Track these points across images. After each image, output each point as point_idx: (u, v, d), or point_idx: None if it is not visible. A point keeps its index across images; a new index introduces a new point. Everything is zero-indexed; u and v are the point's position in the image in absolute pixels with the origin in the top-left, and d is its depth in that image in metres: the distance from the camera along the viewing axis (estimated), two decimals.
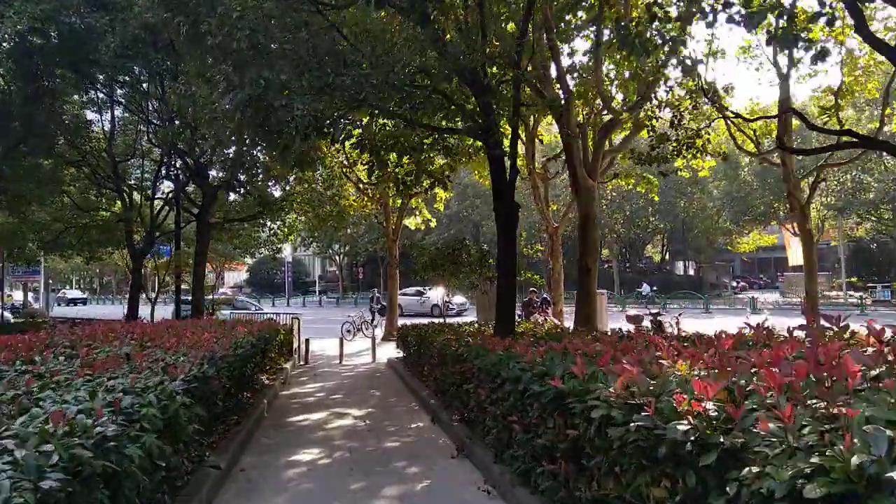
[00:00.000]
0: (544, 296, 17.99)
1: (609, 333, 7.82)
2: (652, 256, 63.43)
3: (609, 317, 18.00)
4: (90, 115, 19.93)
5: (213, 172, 16.47)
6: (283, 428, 7.64)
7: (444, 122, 10.18)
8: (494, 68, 8.56)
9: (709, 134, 11.56)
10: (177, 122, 13.73)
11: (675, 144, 10.88)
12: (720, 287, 50.72)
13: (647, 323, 16.69)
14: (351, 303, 47.61)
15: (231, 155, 13.60)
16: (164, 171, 17.35)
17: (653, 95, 11.29)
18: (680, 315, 16.06)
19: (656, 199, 19.45)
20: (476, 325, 12.19)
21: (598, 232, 11.91)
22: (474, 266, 11.39)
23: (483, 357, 5.34)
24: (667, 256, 60.32)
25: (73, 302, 54.84)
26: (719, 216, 45.40)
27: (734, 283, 54.29)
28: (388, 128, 10.92)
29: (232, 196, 19.80)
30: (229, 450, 6.07)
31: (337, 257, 61.82)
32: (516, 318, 15.96)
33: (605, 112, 12.21)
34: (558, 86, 11.83)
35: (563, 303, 17.88)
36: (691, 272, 57.77)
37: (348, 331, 21.18)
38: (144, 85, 16.11)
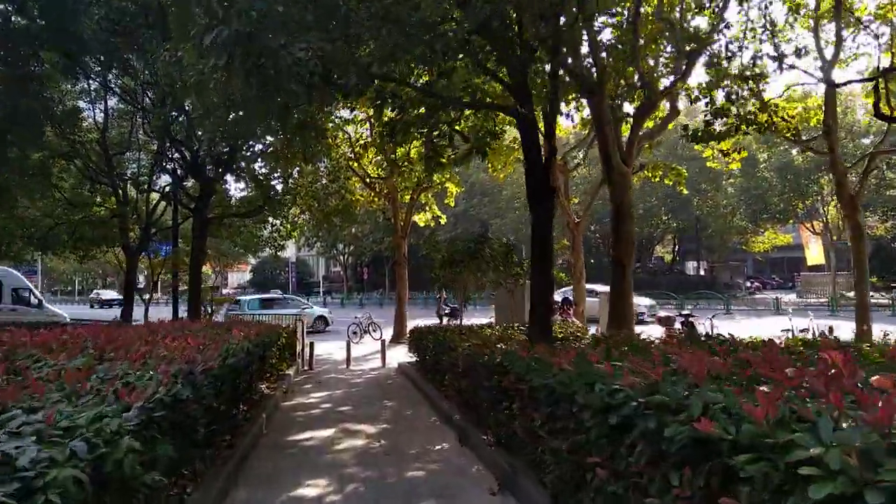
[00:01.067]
0: (566, 295, 16.80)
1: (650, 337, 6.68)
2: (662, 256, 62.15)
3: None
4: (83, 105, 18.96)
5: (209, 166, 15.36)
6: (283, 449, 6.52)
7: (476, 81, 8.91)
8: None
9: (775, 109, 10.27)
10: (168, 103, 12.59)
11: (732, 120, 9.70)
12: (734, 287, 49.35)
13: (678, 325, 15.45)
14: (356, 303, 46.50)
15: (223, 135, 12.40)
16: (159, 164, 16.24)
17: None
18: (714, 317, 14.91)
19: (685, 191, 18.23)
20: (498, 328, 11.03)
21: (633, 224, 10.74)
22: (498, 263, 10.23)
23: (538, 372, 4.19)
24: (677, 256, 59.02)
25: (109, 304, 48.21)
26: (734, 214, 44.11)
27: (748, 284, 52.91)
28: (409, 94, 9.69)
29: (230, 186, 18.75)
30: (219, 479, 4.96)
31: (341, 257, 60.79)
32: (553, 318, 14.85)
33: (642, 90, 11.04)
34: (590, 61, 10.68)
35: (585, 302, 16.73)
36: (702, 272, 56.52)
37: (354, 332, 20.08)
38: (135, 65, 15.00)
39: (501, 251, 10.46)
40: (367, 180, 20.47)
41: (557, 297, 17.76)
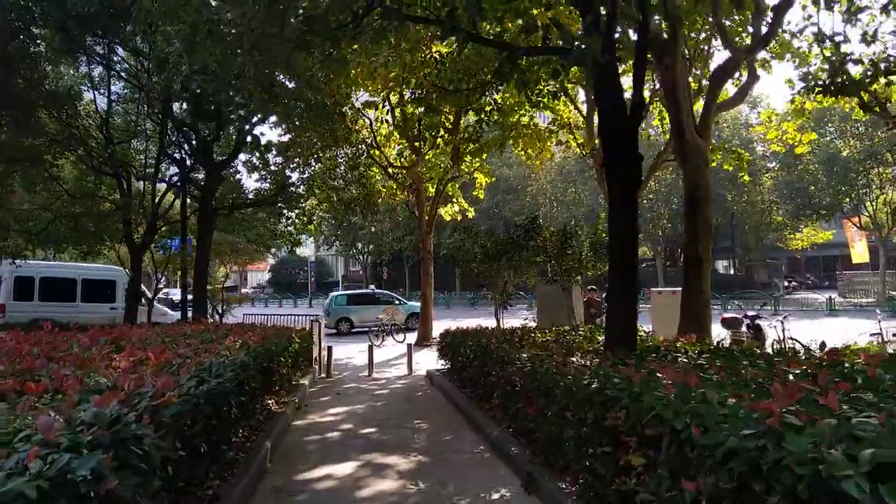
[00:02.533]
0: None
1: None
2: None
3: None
4: (86, 92, 17.70)
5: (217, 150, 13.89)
6: (292, 495, 4.93)
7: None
8: None
9: None
10: (169, 65, 11.09)
11: (867, 66, 7.86)
12: (772, 287, 46.94)
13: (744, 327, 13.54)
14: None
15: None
16: (164, 150, 14.77)
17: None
18: (785, 318, 13.00)
19: (746, 178, 16.38)
20: (549, 332, 9.33)
21: (711, 210, 9.01)
22: (551, 254, 8.56)
23: (699, 417, 2.51)
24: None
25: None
26: (773, 210, 41.76)
27: (785, 283, 50.34)
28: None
29: (242, 175, 17.31)
30: None
31: (361, 256, 59.46)
32: (598, 320, 13.11)
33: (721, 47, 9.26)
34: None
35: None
36: (731, 271, 54.07)
37: (376, 335, 18.55)
38: (139, 44, 13.62)
39: (556, 241, 8.78)
40: (390, 170, 18.93)
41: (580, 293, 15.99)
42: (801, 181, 37.07)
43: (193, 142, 13.87)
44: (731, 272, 54.04)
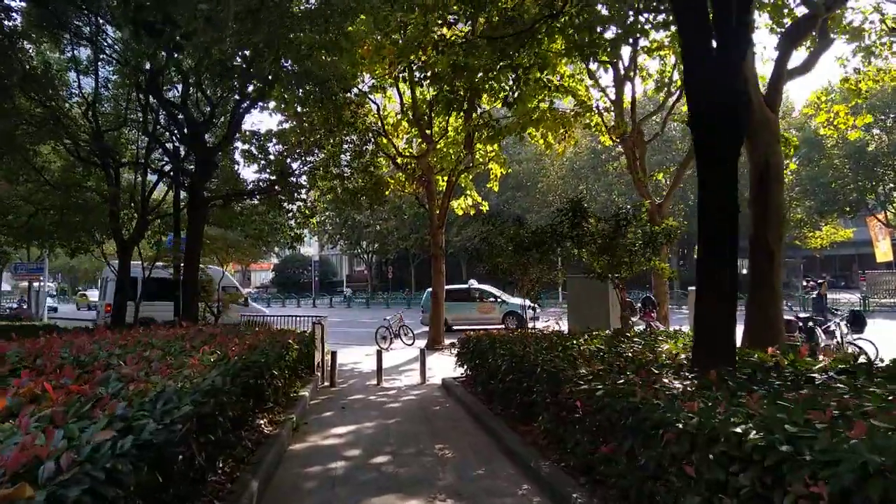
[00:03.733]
0: (647, 294, 13.65)
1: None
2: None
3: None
4: (73, 77, 16.42)
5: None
6: None
7: None
8: None
9: None
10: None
11: None
12: (790, 287, 45.38)
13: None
14: (382, 303, 43.81)
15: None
16: (151, 134, 13.41)
17: None
18: (846, 321, 11.60)
19: (793, 166, 15.01)
20: (595, 339, 7.97)
21: (783, 194, 7.64)
22: (598, 246, 7.20)
23: None
24: None
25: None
26: (793, 205, 40.21)
27: (804, 282, 48.71)
28: None
29: (239, 163, 16.00)
30: None
31: (365, 255, 58.18)
32: (633, 321, 11.75)
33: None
34: None
35: (668, 304, 13.60)
36: (743, 270, 52.45)
37: (384, 337, 17.23)
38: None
39: (608, 229, 7.41)
40: (399, 160, 17.61)
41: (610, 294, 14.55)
42: (823, 176, 35.54)
43: (185, 130, 12.54)
44: (743, 272, 52.47)
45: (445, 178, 17.67)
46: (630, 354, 5.63)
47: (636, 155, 13.01)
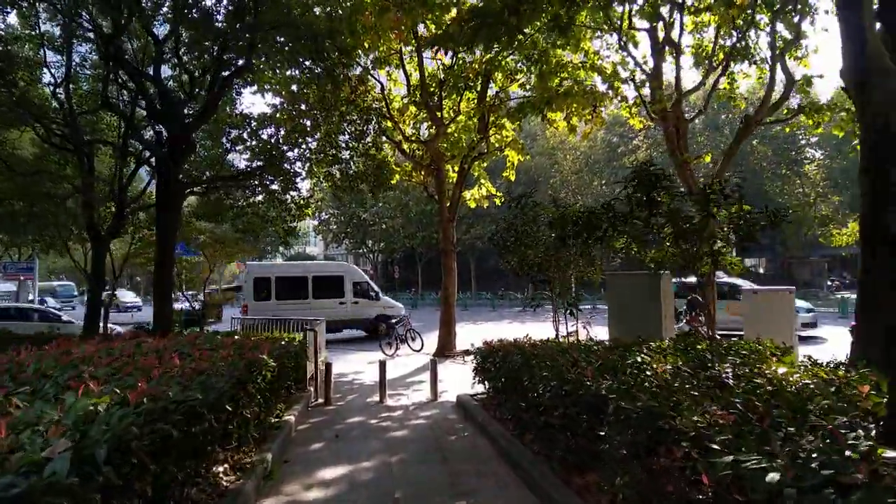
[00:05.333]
0: (692, 295, 11.81)
1: None
2: None
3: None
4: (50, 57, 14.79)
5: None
6: None
7: None
8: None
9: None
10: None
11: None
12: (815, 287, 43.32)
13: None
14: None
15: None
16: (108, 100, 11.52)
17: None
18: None
19: (850, 153, 13.13)
20: (646, 349, 6.17)
21: None
22: (683, 232, 5.40)
23: None
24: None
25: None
26: (816, 202, 38.21)
27: (829, 282, 46.61)
28: None
29: (232, 157, 14.34)
30: None
31: (371, 255, 56.45)
32: (676, 327, 10.05)
33: None
34: None
35: (714, 304, 11.74)
36: (761, 270, 50.42)
37: (388, 343, 15.51)
38: None
39: (698, 209, 5.56)
40: (405, 147, 15.89)
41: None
42: (855, 168, 33.49)
43: (157, 105, 10.83)
44: (761, 270, 50.42)
45: (457, 167, 15.94)
46: (742, 384, 3.86)
47: (678, 134, 11.23)
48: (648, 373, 4.63)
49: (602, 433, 3.97)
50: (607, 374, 4.63)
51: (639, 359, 5.28)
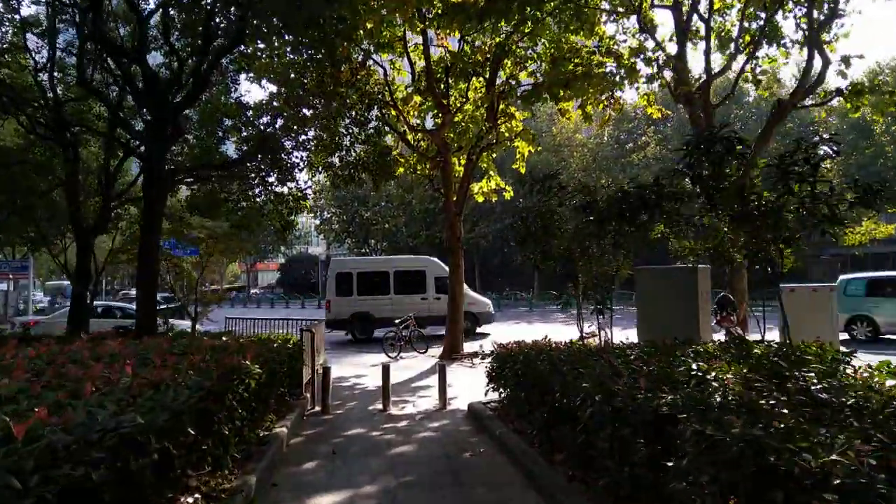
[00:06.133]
0: (723, 293, 10.89)
1: None
2: None
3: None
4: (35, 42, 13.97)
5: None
6: None
7: None
8: None
9: None
10: None
11: None
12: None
13: None
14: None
15: None
16: (84, 78, 10.58)
17: None
18: None
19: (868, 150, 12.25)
20: (691, 352, 5.29)
21: None
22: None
23: None
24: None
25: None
26: (834, 198, 37.18)
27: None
28: None
29: (226, 147, 13.49)
30: None
31: (373, 254, 55.61)
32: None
33: None
34: None
35: (745, 304, 10.87)
36: (768, 269, 49.20)
37: (392, 344, 14.65)
38: None
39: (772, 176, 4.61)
40: (409, 137, 15.02)
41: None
42: (873, 164, 32.53)
43: (140, 85, 9.97)
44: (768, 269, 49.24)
45: (464, 159, 15.06)
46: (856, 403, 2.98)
47: (707, 119, 10.32)
48: (715, 383, 3.77)
49: (670, 463, 3.09)
50: (665, 386, 3.75)
51: (693, 366, 4.40)
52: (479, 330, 19.38)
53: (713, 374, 4.07)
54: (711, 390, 3.60)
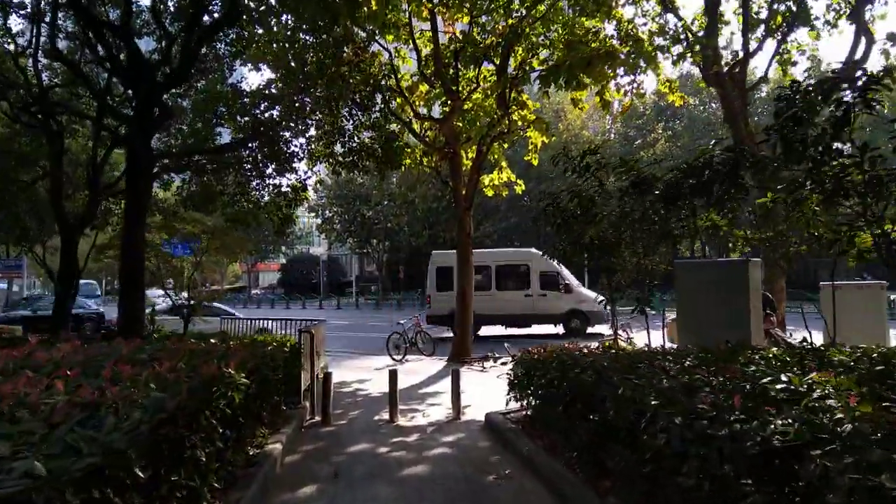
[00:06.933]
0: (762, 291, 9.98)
1: None
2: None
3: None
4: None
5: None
6: None
7: None
8: None
9: None
10: None
11: None
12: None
13: None
14: (393, 304, 40.45)
15: None
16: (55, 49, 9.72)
17: None
18: None
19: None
20: (760, 361, 4.41)
21: None
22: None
23: None
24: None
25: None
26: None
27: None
28: None
29: (219, 136, 12.64)
30: None
31: (376, 254, 54.70)
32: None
33: None
34: None
35: (784, 304, 9.98)
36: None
37: (397, 346, 13.80)
38: None
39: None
40: (416, 127, 14.16)
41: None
42: (892, 156, 31.51)
43: (125, 65, 9.10)
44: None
45: (473, 152, 14.19)
46: None
47: (742, 102, 9.43)
48: (831, 402, 2.90)
49: None
50: (770, 407, 2.88)
51: (782, 378, 3.53)
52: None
53: (818, 389, 3.21)
54: (831, 413, 2.74)
